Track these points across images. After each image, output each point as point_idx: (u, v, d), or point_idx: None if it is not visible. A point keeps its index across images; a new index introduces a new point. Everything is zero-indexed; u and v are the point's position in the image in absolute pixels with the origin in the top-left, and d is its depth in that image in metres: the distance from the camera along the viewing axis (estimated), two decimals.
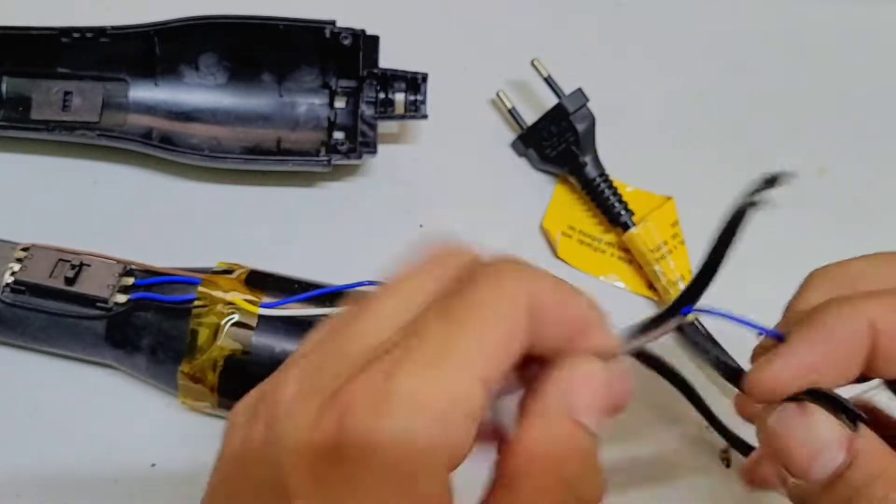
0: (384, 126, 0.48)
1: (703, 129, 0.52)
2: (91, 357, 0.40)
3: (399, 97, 0.47)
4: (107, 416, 0.40)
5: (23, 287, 0.38)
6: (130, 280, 0.39)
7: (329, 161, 0.45)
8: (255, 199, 0.47)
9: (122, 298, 0.38)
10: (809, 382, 0.27)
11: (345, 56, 0.46)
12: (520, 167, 0.50)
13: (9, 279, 0.38)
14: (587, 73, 0.49)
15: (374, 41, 0.46)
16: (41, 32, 0.45)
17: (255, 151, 0.46)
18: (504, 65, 0.51)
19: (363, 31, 0.46)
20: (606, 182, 0.47)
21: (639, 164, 0.49)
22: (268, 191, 0.47)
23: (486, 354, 0.24)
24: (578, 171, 0.47)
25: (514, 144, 0.50)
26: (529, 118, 0.49)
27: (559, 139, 0.48)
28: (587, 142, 0.47)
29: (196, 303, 0.37)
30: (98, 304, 0.38)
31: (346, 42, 0.46)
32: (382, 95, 0.47)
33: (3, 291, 0.38)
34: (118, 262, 0.39)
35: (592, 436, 0.25)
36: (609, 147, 0.48)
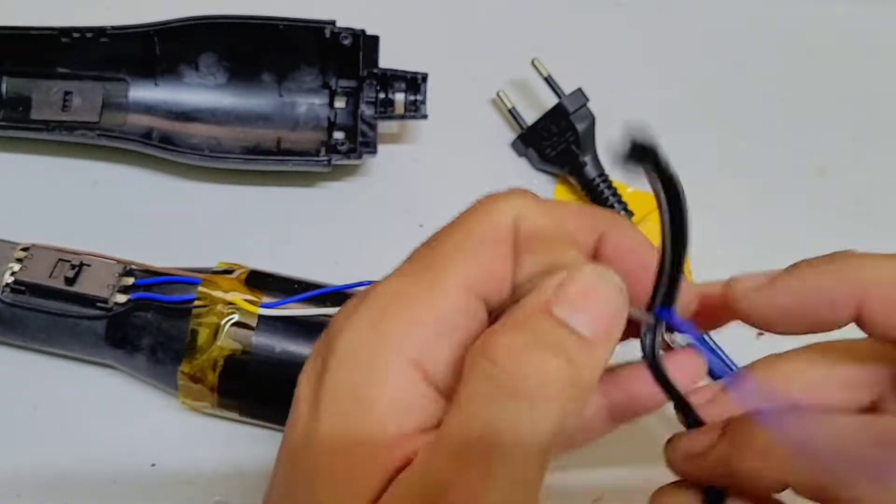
0: (384, 126, 0.48)
1: (703, 129, 0.52)
2: (91, 357, 0.40)
3: (399, 97, 0.47)
4: (107, 416, 0.40)
5: (23, 287, 0.38)
6: (130, 280, 0.39)
7: (329, 161, 0.45)
8: (255, 199, 0.47)
9: (122, 298, 0.38)
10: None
11: (345, 56, 0.46)
12: (520, 167, 0.50)
13: (9, 279, 0.38)
14: (587, 73, 0.49)
15: (374, 41, 0.46)
16: (41, 32, 0.45)
17: (255, 151, 0.46)
18: (504, 65, 0.51)
19: (363, 31, 0.46)
20: (606, 182, 0.47)
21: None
22: (268, 191, 0.47)
23: (467, 258, 0.25)
24: (578, 171, 0.47)
25: (514, 144, 0.50)
26: (529, 118, 0.49)
27: (559, 139, 0.48)
28: (587, 142, 0.47)
29: (196, 303, 0.37)
30: (98, 304, 0.38)
31: (346, 42, 0.46)
32: (382, 95, 0.47)
33: (3, 291, 0.38)
34: (118, 262, 0.39)
35: (572, 332, 0.22)
36: (609, 147, 0.48)
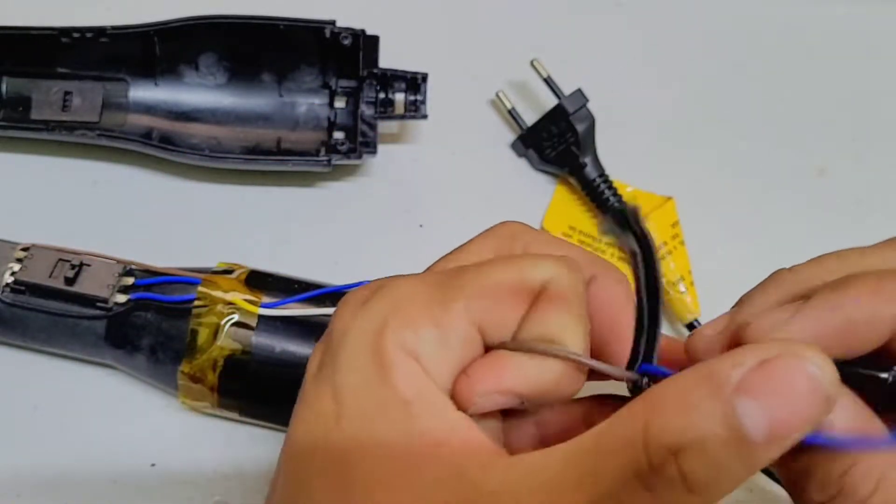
0: (384, 126, 0.48)
1: (703, 129, 0.52)
2: (91, 357, 0.40)
3: (399, 97, 0.47)
4: (107, 416, 0.40)
5: (23, 287, 0.38)
6: (130, 280, 0.39)
7: (329, 161, 0.45)
8: (255, 199, 0.47)
9: (122, 298, 0.38)
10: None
11: (345, 56, 0.46)
12: (520, 167, 0.50)
13: (9, 279, 0.38)
14: (587, 74, 0.49)
15: (374, 41, 0.46)
16: (41, 32, 0.45)
17: (255, 151, 0.46)
18: (504, 65, 0.51)
19: (363, 31, 0.46)
20: (606, 182, 0.47)
21: (639, 165, 0.49)
22: (268, 191, 0.47)
23: (482, 291, 0.25)
24: (578, 172, 0.47)
25: (514, 145, 0.50)
26: (529, 118, 0.49)
27: (559, 140, 0.48)
28: (587, 142, 0.47)
29: (196, 303, 0.37)
30: (98, 304, 0.38)
31: (346, 42, 0.46)
32: (382, 95, 0.47)
33: (3, 291, 0.38)
34: (118, 262, 0.39)
35: (738, 438, 0.21)
36: (609, 147, 0.48)
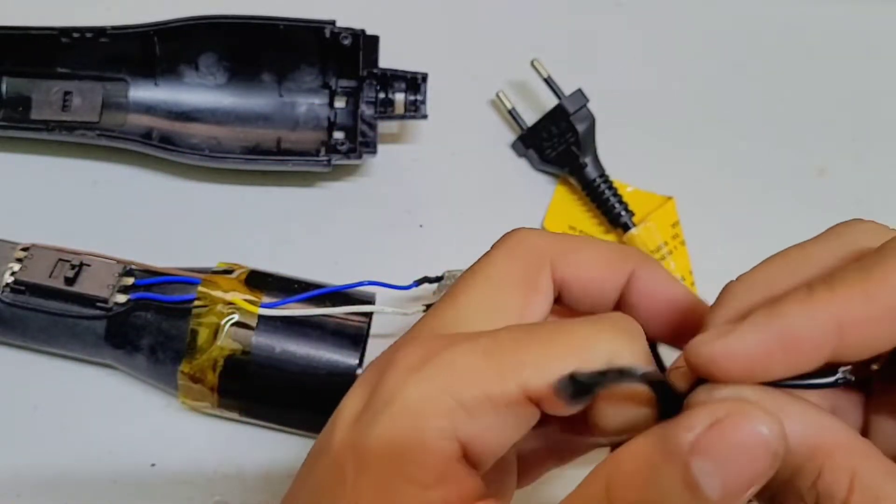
0: (384, 126, 0.48)
1: (703, 129, 0.52)
2: (91, 357, 0.40)
3: (399, 97, 0.47)
4: (107, 416, 0.40)
5: (23, 287, 0.38)
6: (130, 280, 0.39)
7: (329, 161, 0.45)
8: (255, 199, 0.47)
9: (122, 298, 0.38)
10: (760, 367, 0.24)
11: (345, 56, 0.46)
12: (520, 168, 0.50)
13: (9, 279, 0.38)
14: (587, 74, 0.49)
15: (374, 41, 0.46)
16: (41, 32, 0.45)
17: (255, 151, 0.46)
18: (504, 65, 0.51)
19: (363, 31, 0.46)
20: (607, 183, 0.47)
21: (639, 164, 0.49)
22: (268, 191, 0.47)
23: (545, 371, 0.24)
24: (579, 172, 0.47)
25: (514, 145, 0.50)
26: (529, 119, 0.49)
27: (559, 140, 0.48)
28: (587, 142, 0.47)
29: (196, 303, 0.37)
30: (98, 304, 0.38)
31: (346, 42, 0.46)
32: (382, 95, 0.47)
33: (3, 291, 0.38)
34: (118, 262, 0.39)
35: (698, 499, 0.22)
36: (609, 147, 0.48)
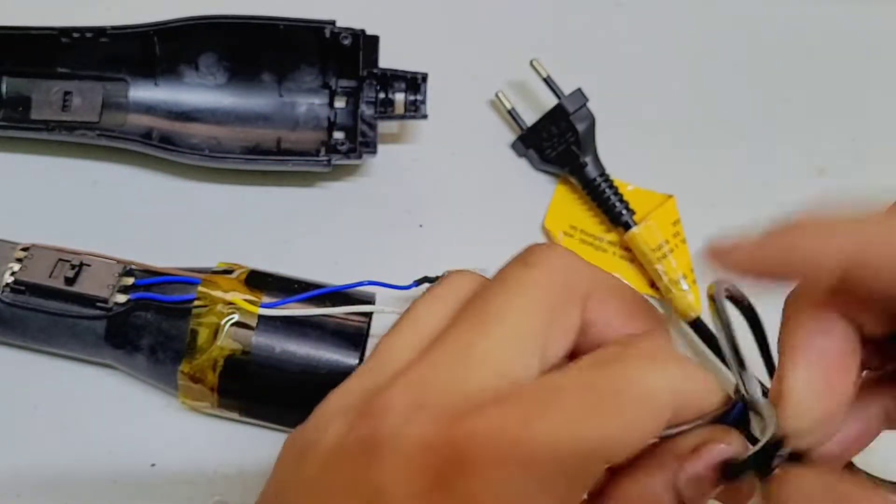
0: (384, 126, 0.48)
1: (703, 129, 0.52)
2: (91, 357, 0.40)
3: (399, 97, 0.47)
4: (107, 416, 0.40)
5: (23, 287, 0.38)
6: (130, 280, 0.39)
7: (329, 161, 0.45)
8: (255, 199, 0.47)
9: (122, 298, 0.38)
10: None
11: (345, 56, 0.46)
12: (520, 168, 0.50)
13: (9, 279, 0.38)
14: (587, 73, 0.49)
15: (374, 41, 0.46)
16: (41, 32, 0.45)
17: (255, 151, 0.46)
18: (504, 65, 0.51)
19: (363, 31, 0.46)
20: (607, 182, 0.47)
21: (639, 164, 0.49)
22: (268, 191, 0.47)
23: (624, 445, 0.24)
24: (579, 172, 0.47)
25: (514, 145, 0.50)
26: (529, 118, 0.49)
27: (559, 139, 0.48)
28: (587, 142, 0.47)
29: (196, 303, 0.37)
30: (98, 304, 0.38)
31: (346, 42, 0.46)
32: (382, 95, 0.47)
33: (3, 291, 0.38)
34: (118, 262, 0.39)
35: None
36: (609, 147, 0.48)
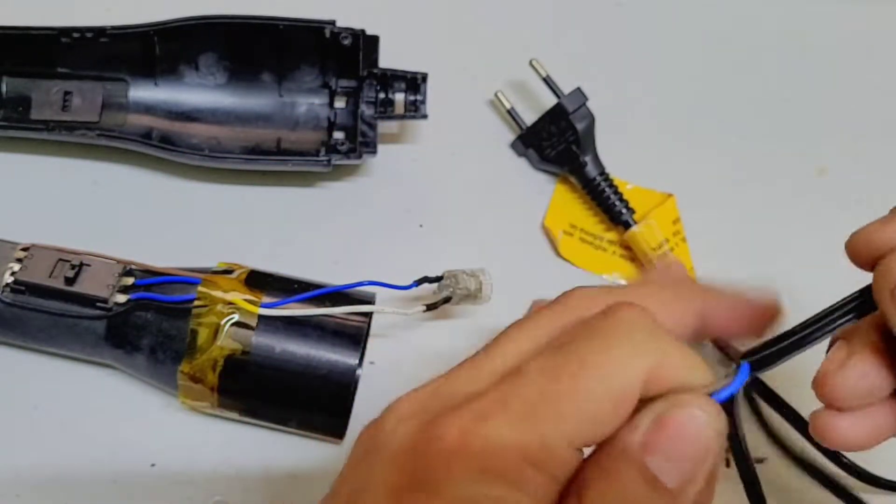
0: (384, 126, 0.48)
1: (703, 128, 0.52)
2: (91, 357, 0.40)
3: (399, 97, 0.47)
4: (107, 416, 0.40)
5: (23, 287, 0.38)
6: (130, 280, 0.39)
7: (329, 161, 0.45)
8: (255, 199, 0.47)
9: (122, 298, 0.38)
10: None
11: (345, 56, 0.46)
12: (520, 167, 0.50)
13: (9, 279, 0.38)
14: (587, 73, 0.49)
15: (374, 41, 0.46)
16: (41, 32, 0.45)
17: (255, 151, 0.46)
18: (503, 65, 0.51)
19: (363, 31, 0.46)
20: (607, 181, 0.47)
21: (639, 163, 0.49)
22: (268, 191, 0.47)
23: (584, 419, 0.23)
24: (578, 171, 0.47)
25: (514, 144, 0.50)
26: (529, 118, 0.49)
27: (559, 139, 0.48)
28: (587, 141, 0.47)
29: (196, 303, 0.37)
30: (98, 304, 0.38)
31: (346, 42, 0.46)
32: (382, 95, 0.47)
33: (3, 291, 0.38)
34: (118, 262, 0.39)
35: (660, 490, 0.23)
36: (609, 146, 0.48)
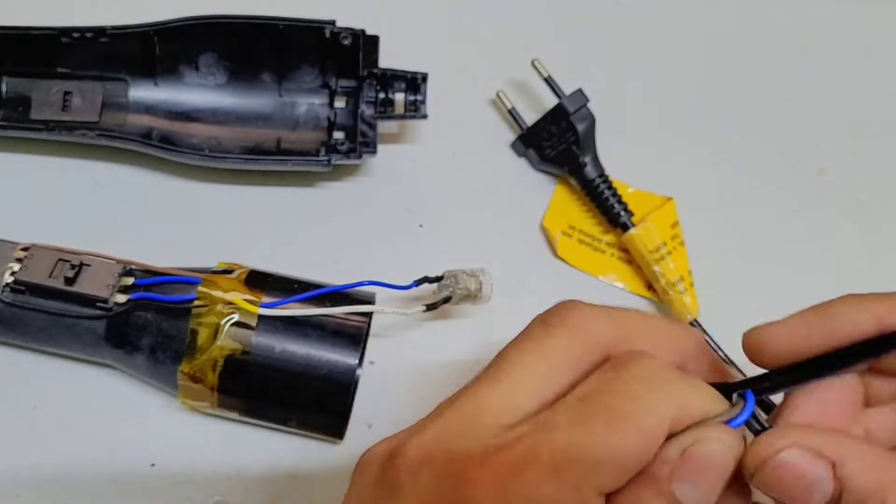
0: (384, 126, 0.48)
1: (703, 130, 0.52)
2: (91, 357, 0.40)
3: (399, 97, 0.47)
4: (107, 416, 0.40)
5: (23, 287, 0.38)
6: (130, 280, 0.39)
7: (329, 161, 0.45)
8: (255, 199, 0.47)
9: (122, 298, 0.38)
10: (800, 350, 0.26)
11: (345, 56, 0.46)
12: (520, 167, 0.50)
13: (9, 279, 0.38)
14: (587, 74, 0.49)
15: (374, 41, 0.46)
16: (41, 32, 0.45)
17: (255, 151, 0.46)
18: (504, 65, 0.51)
19: (363, 31, 0.46)
20: (606, 182, 0.47)
21: (638, 165, 0.49)
22: (268, 191, 0.47)
23: (615, 471, 0.23)
24: (578, 172, 0.47)
25: (514, 145, 0.50)
26: (529, 118, 0.49)
27: (559, 139, 0.48)
28: (587, 142, 0.47)
29: (196, 303, 0.37)
30: (98, 304, 0.38)
31: (346, 42, 0.46)
32: (382, 95, 0.47)
33: (3, 291, 0.38)
34: (118, 262, 0.39)
35: None
36: (609, 147, 0.48)
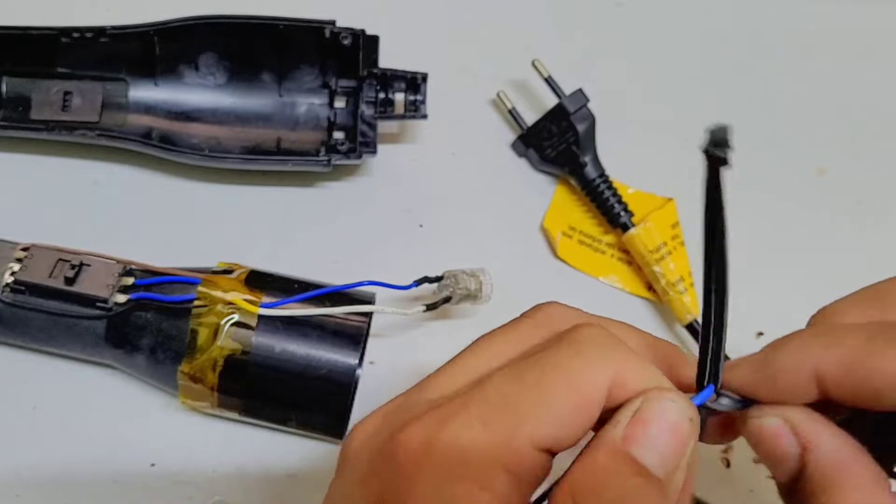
0: (384, 126, 0.48)
1: (703, 129, 0.52)
2: (91, 357, 0.40)
3: (399, 97, 0.47)
4: (107, 416, 0.40)
5: (23, 287, 0.38)
6: (130, 280, 0.39)
7: (329, 161, 0.45)
8: (255, 199, 0.47)
9: (122, 298, 0.38)
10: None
11: (345, 56, 0.46)
12: (520, 167, 0.50)
13: (9, 279, 0.38)
14: (587, 74, 0.49)
15: (374, 41, 0.46)
16: (41, 32, 0.45)
17: (255, 151, 0.46)
18: (504, 65, 0.51)
19: (363, 31, 0.46)
20: (606, 183, 0.47)
21: (638, 165, 0.49)
22: (268, 191, 0.47)
23: (546, 420, 0.23)
24: (578, 172, 0.47)
25: (515, 145, 0.50)
26: (530, 118, 0.49)
27: (559, 139, 0.48)
28: (587, 142, 0.47)
29: (196, 303, 0.37)
30: (98, 304, 0.38)
31: (346, 42, 0.46)
32: (382, 95, 0.47)
33: (3, 291, 0.38)
34: (118, 262, 0.39)
35: (648, 478, 0.23)
36: (609, 148, 0.48)
